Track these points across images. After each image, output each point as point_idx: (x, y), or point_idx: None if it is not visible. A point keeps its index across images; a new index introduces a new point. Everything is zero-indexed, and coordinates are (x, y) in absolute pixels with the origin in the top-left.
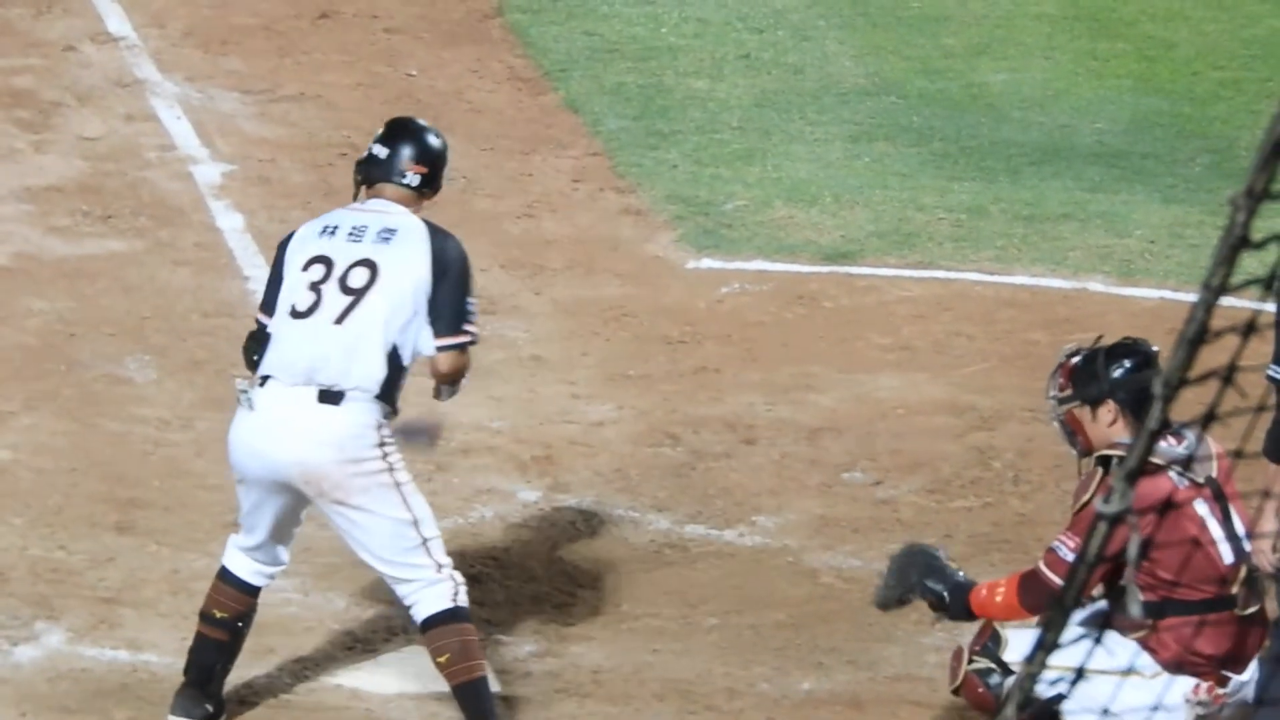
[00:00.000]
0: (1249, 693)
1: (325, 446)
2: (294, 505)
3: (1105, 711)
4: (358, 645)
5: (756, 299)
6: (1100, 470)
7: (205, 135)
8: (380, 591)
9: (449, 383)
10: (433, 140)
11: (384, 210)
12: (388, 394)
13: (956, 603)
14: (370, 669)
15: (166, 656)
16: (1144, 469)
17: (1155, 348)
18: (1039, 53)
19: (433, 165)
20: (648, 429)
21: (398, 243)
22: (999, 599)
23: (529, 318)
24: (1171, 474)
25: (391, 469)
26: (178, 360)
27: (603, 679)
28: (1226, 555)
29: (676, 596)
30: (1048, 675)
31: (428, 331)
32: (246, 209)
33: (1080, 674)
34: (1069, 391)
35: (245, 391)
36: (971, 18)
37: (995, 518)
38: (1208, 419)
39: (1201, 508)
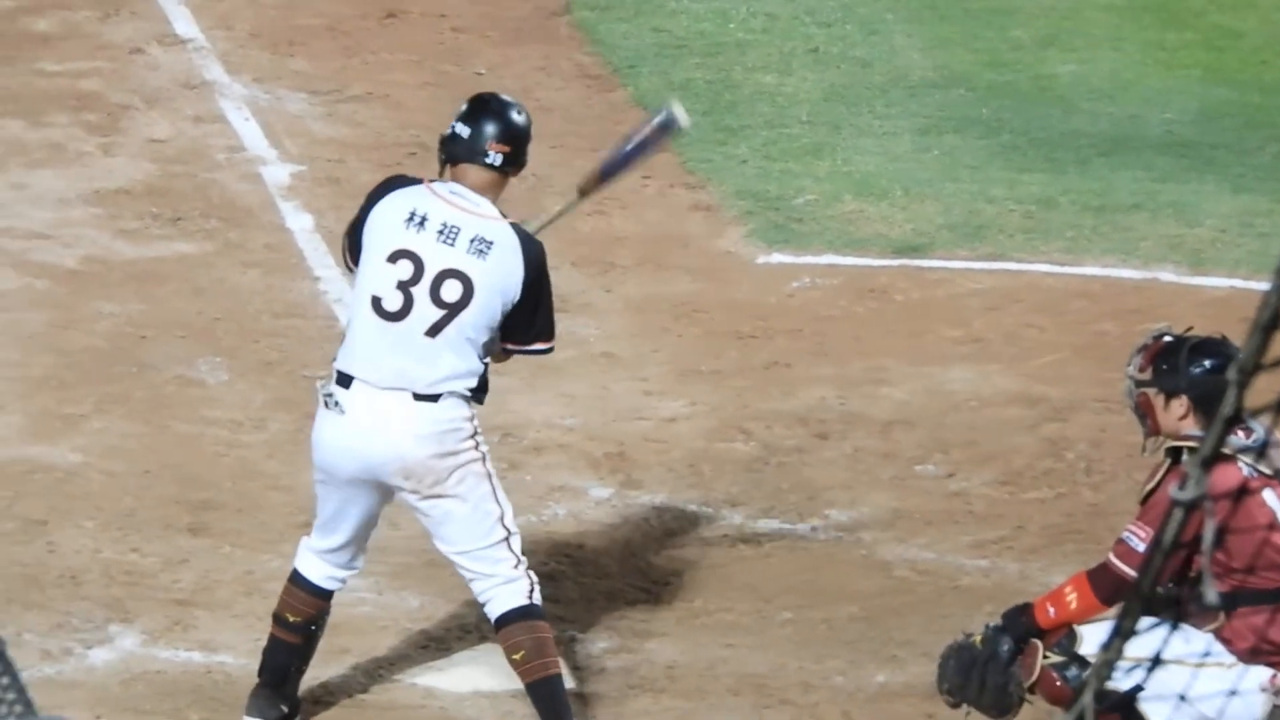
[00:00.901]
0: None
1: (426, 440)
2: (377, 506)
3: (1182, 698)
4: (431, 644)
5: (827, 293)
6: (1169, 461)
7: (273, 136)
8: (453, 591)
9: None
10: (516, 117)
11: (477, 210)
12: (478, 394)
13: (1016, 628)
14: (444, 667)
15: (241, 658)
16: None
17: (1240, 352)
18: (1107, 44)
19: (516, 143)
20: (720, 424)
21: (494, 259)
22: (1073, 603)
23: (600, 315)
24: (1241, 463)
25: (484, 459)
26: (249, 362)
27: (677, 674)
28: None
29: (750, 591)
30: (1123, 664)
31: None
32: (315, 209)
33: (1157, 662)
34: (1147, 375)
35: (331, 395)
36: (1039, 9)
37: (1068, 508)
38: None
39: (1271, 498)
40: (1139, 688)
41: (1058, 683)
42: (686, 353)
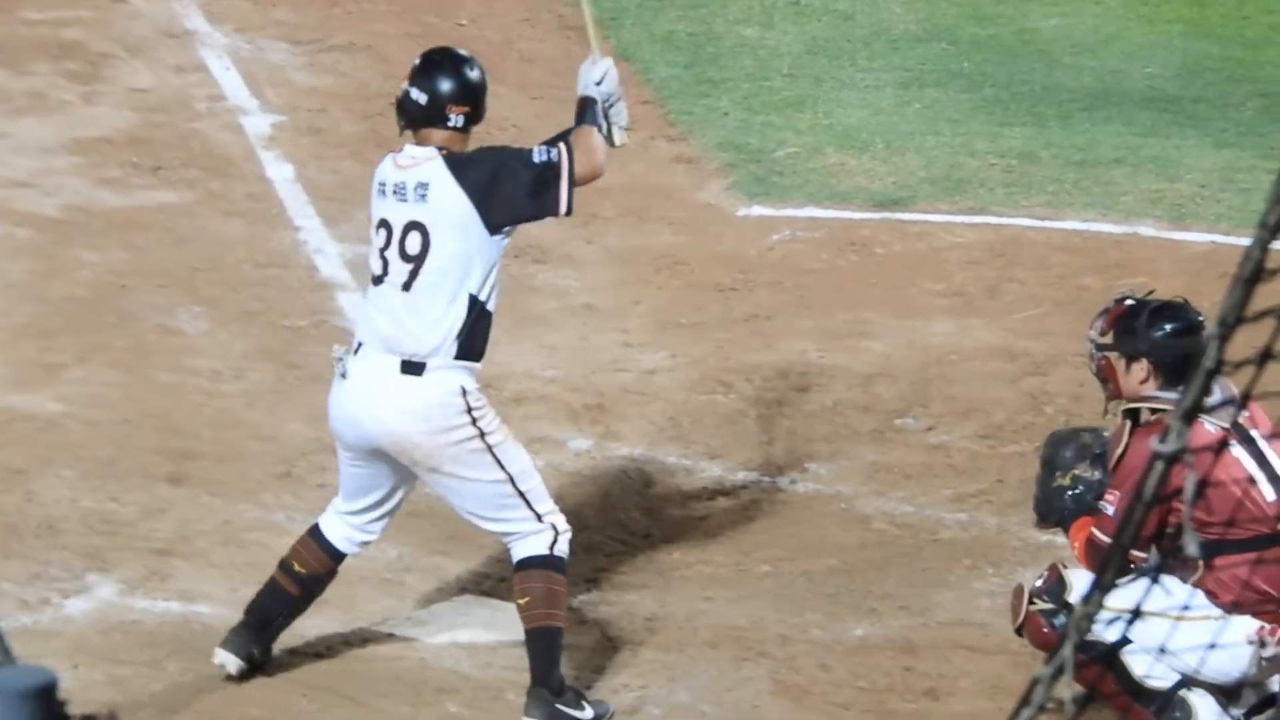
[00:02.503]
0: None
1: (412, 418)
2: (392, 472)
3: (1162, 650)
4: (410, 595)
5: (808, 246)
6: (1128, 423)
7: (255, 86)
8: (433, 542)
9: (594, 171)
10: (471, 74)
11: (415, 162)
12: (470, 350)
13: (1071, 515)
14: (423, 619)
15: (218, 608)
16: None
17: (1200, 316)
18: None
19: (475, 101)
20: (700, 377)
21: (433, 196)
22: (1075, 549)
23: (581, 266)
24: (1204, 420)
25: (482, 433)
26: (230, 311)
27: (655, 626)
28: (1269, 493)
29: (729, 543)
30: (1105, 616)
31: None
32: (297, 159)
33: (1136, 614)
34: (1109, 339)
35: (340, 359)
36: None
37: None
38: (1263, 359)
39: (1236, 450)
40: (1125, 640)
41: (1044, 629)
42: (667, 305)
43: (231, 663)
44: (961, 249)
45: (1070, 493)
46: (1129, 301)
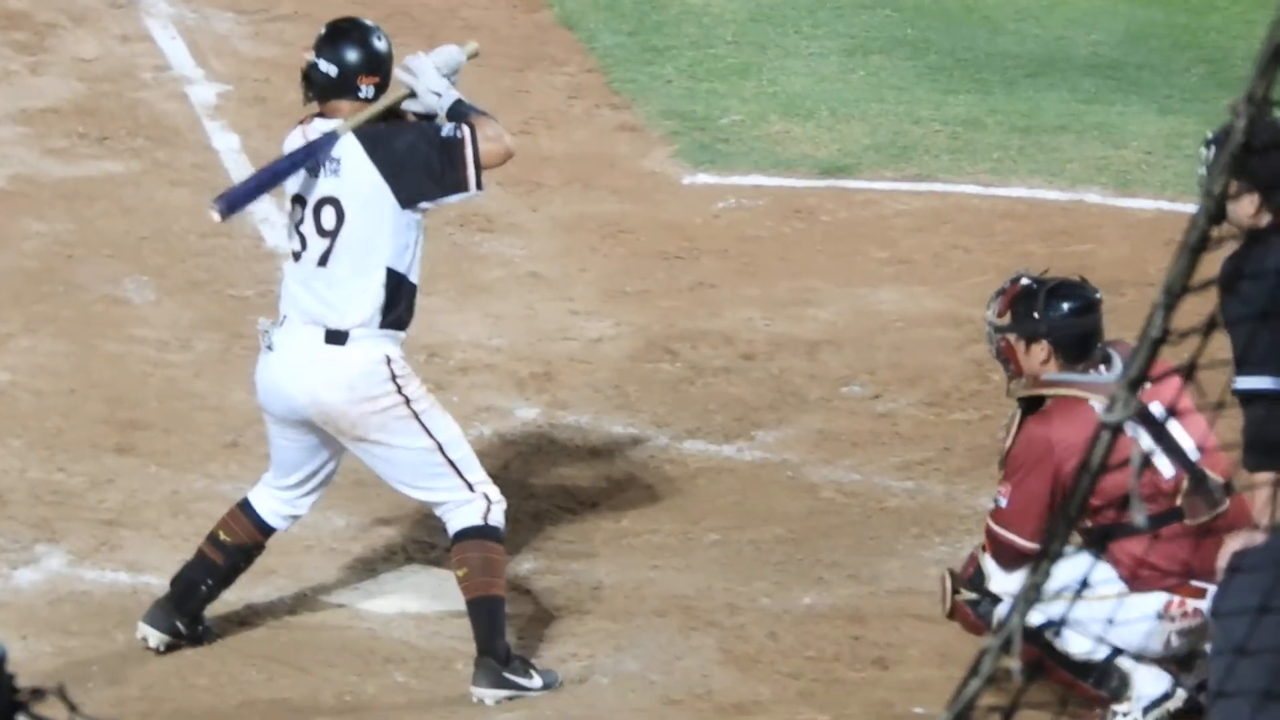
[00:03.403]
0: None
1: (337, 387)
2: (321, 444)
3: (1063, 623)
4: (358, 565)
5: (754, 214)
6: (1018, 413)
7: (200, 55)
8: (380, 511)
9: (502, 152)
10: (379, 45)
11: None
12: (394, 320)
13: None
14: (370, 589)
15: (166, 578)
16: (1065, 401)
17: (1098, 293)
18: None
19: (384, 70)
20: (646, 345)
21: (346, 171)
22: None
23: (526, 235)
24: (1093, 403)
25: (408, 400)
26: (176, 281)
27: (603, 595)
28: (1166, 469)
29: (676, 512)
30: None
31: (442, 195)
32: (242, 129)
33: (1084, 586)
34: (1006, 320)
35: (266, 331)
36: None
37: (994, 430)
38: (1208, 329)
39: (1130, 429)
40: (1051, 622)
41: (972, 617)
42: (613, 273)
43: (153, 635)
44: (907, 216)
45: None
46: (1025, 281)
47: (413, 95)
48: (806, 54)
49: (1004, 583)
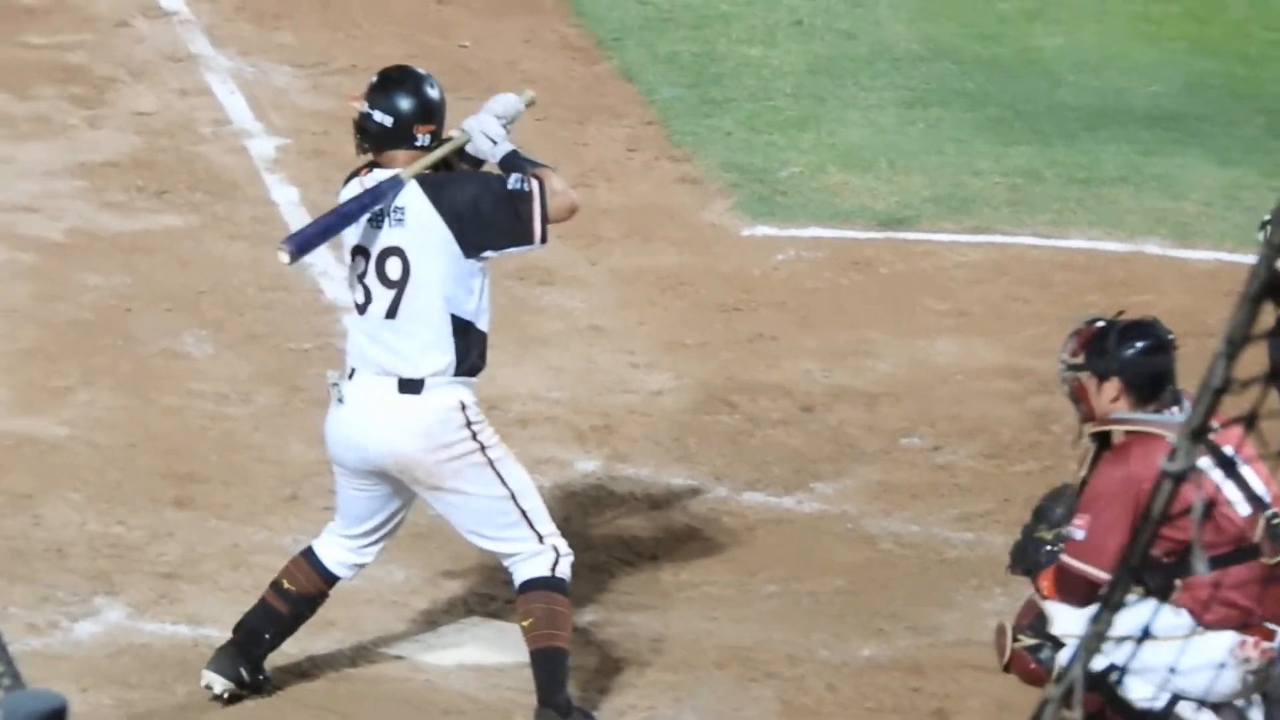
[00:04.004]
0: None
1: (413, 435)
2: (391, 497)
3: (1125, 670)
4: (418, 617)
5: (812, 266)
6: (1094, 446)
7: (259, 109)
8: (440, 564)
9: (569, 207)
10: (431, 92)
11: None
12: (468, 367)
13: (1040, 567)
14: (430, 641)
15: (226, 631)
16: (1142, 436)
17: (1170, 335)
18: (1092, 16)
19: (438, 119)
20: (705, 397)
21: (410, 220)
22: (1043, 589)
23: (586, 287)
24: (1169, 437)
25: (483, 447)
26: (234, 334)
27: (662, 647)
28: (1242, 508)
29: (735, 564)
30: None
31: (507, 247)
32: (301, 182)
33: (1146, 635)
34: (1080, 359)
35: (336, 384)
36: None
37: (1054, 481)
38: (1271, 379)
39: (1204, 463)
40: (1115, 667)
41: (1031, 665)
42: (672, 325)
43: (218, 683)
44: (966, 268)
45: (1048, 548)
46: (1099, 323)
47: (469, 142)
48: (865, 106)
49: (1068, 625)
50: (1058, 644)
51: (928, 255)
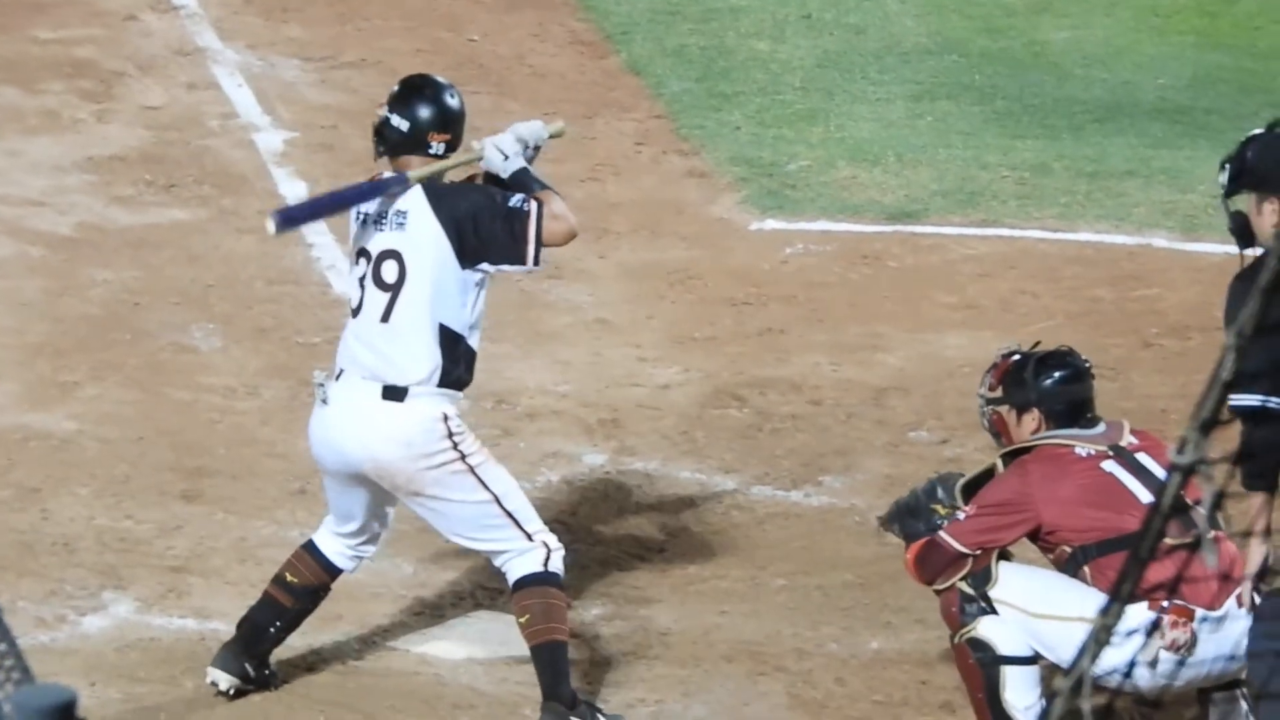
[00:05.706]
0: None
1: (393, 443)
2: (376, 496)
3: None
4: (425, 611)
5: (821, 259)
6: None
7: (267, 103)
8: (447, 558)
9: (567, 233)
10: (451, 102)
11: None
12: (453, 380)
13: (919, 535)
14: (438, 635)
15: (234, 625)
16: (1051, 450)
17: (1088, 363)
18: (1101, 10)
19: (455, 128)
20: (714, 391)
21: (411, 225)
22: (908, 557)
23: (594, 281)
24: (1076, 447)
25: (464, 455)
26: (243, 328)
27: (671, 641)
28: (1143, 495)
29: (744, 558)
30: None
31: (504, 263)
32: (309, 176)
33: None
34: (998, 393)
35: (321, 385)
36: None
37: None
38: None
39: (1109, 464)
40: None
41: (954, 608)
42: (681, 319)
43: (223, 679)
44: (974, 261)
45: (938, 520)
46: (1015, 356)
47: (482, 156)
48: (874, 100)
49: (1009, 593)
50: (987, 604)
51: (936, 249)
